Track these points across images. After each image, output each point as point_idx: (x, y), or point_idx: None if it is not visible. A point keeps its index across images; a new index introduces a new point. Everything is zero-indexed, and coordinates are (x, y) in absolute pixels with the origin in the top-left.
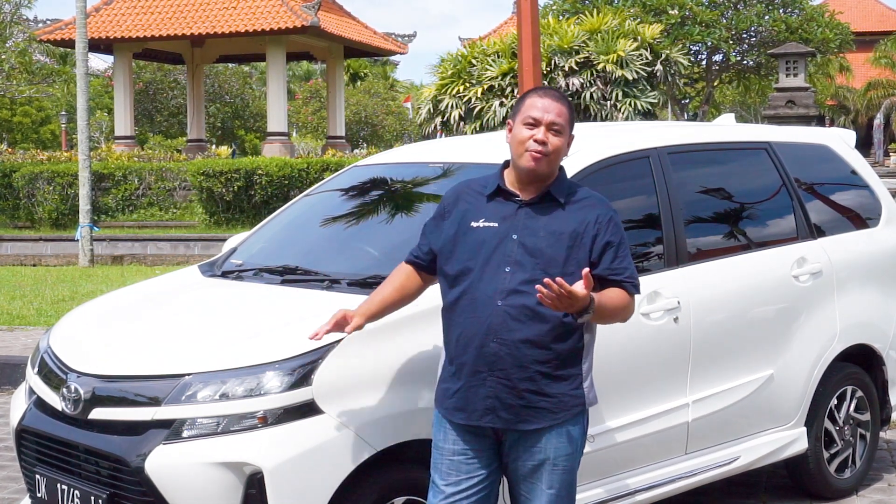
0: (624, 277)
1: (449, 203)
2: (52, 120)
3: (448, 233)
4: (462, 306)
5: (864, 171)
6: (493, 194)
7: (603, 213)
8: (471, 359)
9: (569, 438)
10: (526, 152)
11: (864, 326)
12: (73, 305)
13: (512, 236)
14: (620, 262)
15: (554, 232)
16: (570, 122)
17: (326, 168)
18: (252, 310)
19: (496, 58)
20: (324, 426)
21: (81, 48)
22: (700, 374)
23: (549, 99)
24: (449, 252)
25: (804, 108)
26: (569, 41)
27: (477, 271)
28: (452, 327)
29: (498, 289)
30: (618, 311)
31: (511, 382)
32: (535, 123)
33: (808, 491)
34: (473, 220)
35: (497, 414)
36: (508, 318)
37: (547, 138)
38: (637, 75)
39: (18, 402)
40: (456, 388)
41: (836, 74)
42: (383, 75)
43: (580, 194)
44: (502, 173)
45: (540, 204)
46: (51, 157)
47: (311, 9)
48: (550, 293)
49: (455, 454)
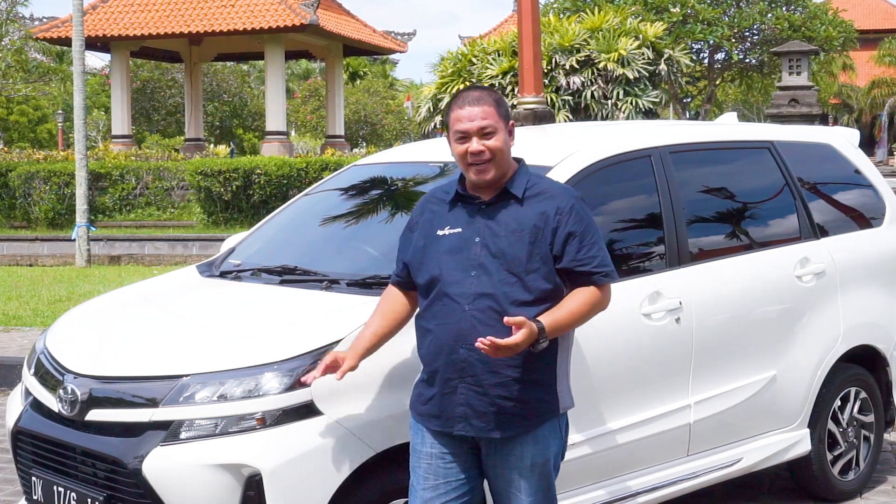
0: (592, 267)
1: (416, 215)
2: (48, 119)
3: (417, 244)
4: (433, 313)
5: (867, 170)
6: (454, 200)
7: (563, 203)
8: (441, 366)
9: (545, 445)
10: (469, 166)
11: (868, 327)
12: (69, 306)
13: (475, 240)
14: (587, 251)
15: (514, 230)
16: (501, 114)
17: (325, 167)
18: (250, 310)
19: (497, 56)
20: (322, 428)
21: (78, 46)
22: (702, 376)
23: (468, 106)
24: (419, 263)
25: (807, 106)
26: (570, 39)
27: (445, 278)
28: (424, 334)
29: (465, 294)
30: (584, 315)
31: (482, 389)
32: (465, 136)
33: (811, 493)
34: (439, 229)
35: (470, 422)
36: (477, 323)
37: (482, 146)
38: (639, 74)
39: (14, 403)
40: (430, 395)
41: (840, 73)
42: (383, 74)
43: (539, 187)
44: (462, 178)
45: (499, 203)
46: (47, 157)
47: (309, 7)
48: (487, 350)
49: (433, 457)
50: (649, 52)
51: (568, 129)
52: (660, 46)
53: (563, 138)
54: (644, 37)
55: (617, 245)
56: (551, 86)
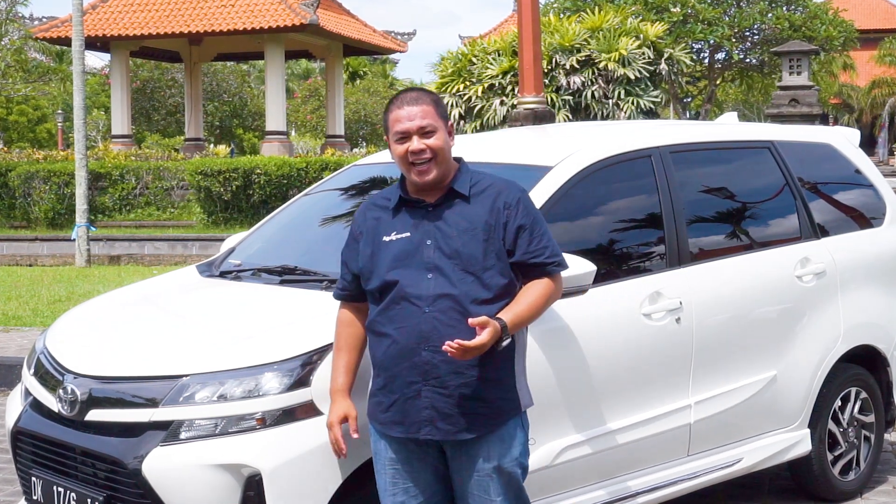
0: (544, 258)
1: (358, 224)
2: (48, 119)
3: (365, 252)
4: (389, 317)
5: (868, 170)
6: (398, 206)
7: (510, 197)
8: (403, 370)
9: (510, 444)
10: (411, 166)
11: (869, 327)
12: (69, 306)
13: (426, 242)
14: (538, 242)
15: (466, 229)
16: (440, 114)
17: (325, 167)
18: (250, 310)
19: (497, 56)
20: (323, 428)
21: (78, 46)
22: (702, 376)
23: (407, 106)
24: (369, 271)
25: (808, 106)
26: (570, 39)
27: (400, 283)
28: (381, 339)
29: (423, 296)
30: (541, 308)
31: (448, 390)
32: (405, 136)
33: (811, 493)
34: (385, 235)
35: (435, 425)
36: (439, 325)
37: (423, 145)
38: (639, 74)
39: (14, 403)
40: (391, 402)
41: (840, 72)
42: (383, 74)
43: (484, 183)
44: (403, 183)
45: (446, 203)
46: (47, 157)
47: (309, 6)
48: (454, 353)
49: (398, 463)
50: (650, 51)
51: (568, 129)
52: (660, 46)
53: (564, 138)
54: (644, 36)
55: (617, 245)
56: (551, 86)
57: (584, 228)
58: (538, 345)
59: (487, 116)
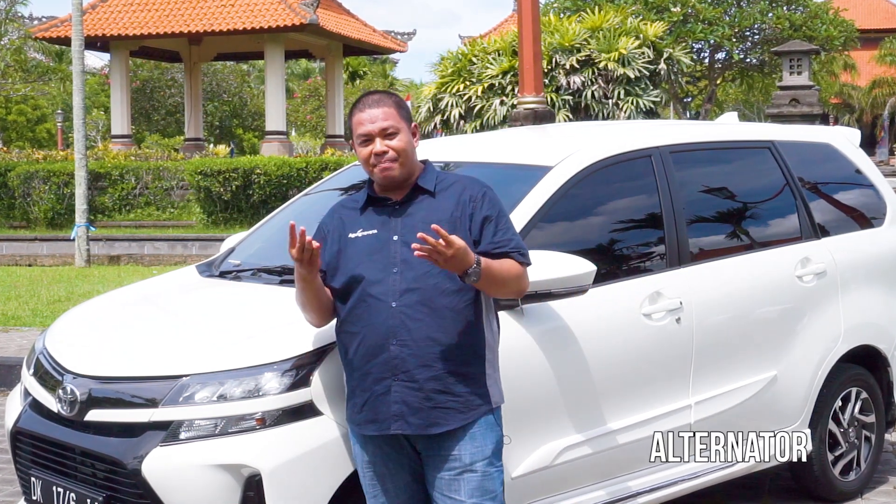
0: (510, 248)
1: (325, 223)
2: (47, 118)
3: (332, 250)
4: (356, 316)
5: (868, 169)
6: (365, 205)
7: (475, 191)
8: (373, 367)
9: (482, 442)
10: (375, 168)
11: (869, 327)
12: (69, 306)
13: (393, 238)
14: (503, 234)
15: (433, 222)
16: (402, 115)
17: (325, 167)
18: (250, 310)
19: (497, 56)
20: (323, 428)
21: (77, 46)
22: (703, 376)
23: (368, 109)
24: (334, 268)
25: (808, 106)
26: (570, 39)
27: (366, 279)
28: (350, 339)
29: (389, 291)
30: (510, 279)
31: (417, 384)
32: (368, 138)
33: (811, 494)
34: (351, 232)
35: (406, 420)
36: (406, 318)
37: (385, 146)
38: (639, 73)
39: (14, 403)
40: (363, 401)
41: (841, 72)
42: (383, 74)
43: (449, 180)
44: (371, 184)
45: (412, 200)
46: (47, 156)
47: (309, 6)
48: (427, 246)
49: (376, 465)
50: (650, 51)
51: (568, 129)
52: (660, 46)
53: (564, 138)
54: (644, 36)
55: (617, 245)
56: (551, 85)
57: (584, 228)
58: (538, 345)
59: (487, 116)
